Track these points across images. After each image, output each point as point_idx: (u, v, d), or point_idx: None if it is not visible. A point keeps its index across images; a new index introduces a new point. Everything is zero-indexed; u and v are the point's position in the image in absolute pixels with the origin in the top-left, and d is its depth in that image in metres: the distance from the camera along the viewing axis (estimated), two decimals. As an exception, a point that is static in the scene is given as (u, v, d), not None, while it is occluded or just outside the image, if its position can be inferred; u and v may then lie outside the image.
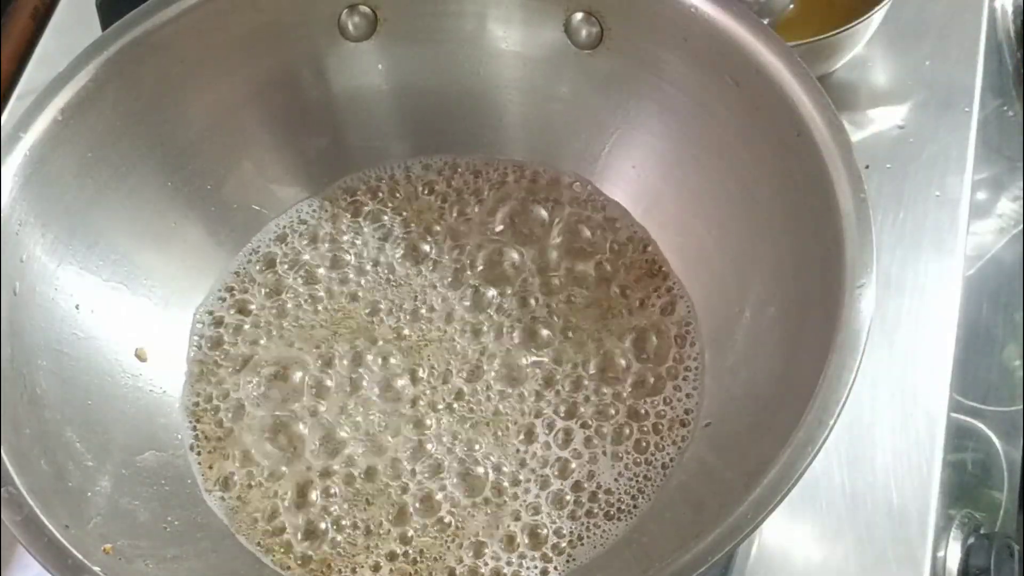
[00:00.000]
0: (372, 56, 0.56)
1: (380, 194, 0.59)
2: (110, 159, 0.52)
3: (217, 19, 0.52)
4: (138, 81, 0.52)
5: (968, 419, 0.59)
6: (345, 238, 0.58)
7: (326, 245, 0.58)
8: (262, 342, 0.55)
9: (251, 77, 0.54)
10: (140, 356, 0.53)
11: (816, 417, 0.39)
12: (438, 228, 0.58)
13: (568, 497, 0.49)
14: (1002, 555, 0.50)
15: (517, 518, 0.49)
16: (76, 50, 0.51)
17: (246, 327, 0.56)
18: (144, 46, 0.51)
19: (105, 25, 0.61)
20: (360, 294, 0.56)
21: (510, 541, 0.49)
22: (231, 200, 0.57)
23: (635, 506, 0.49)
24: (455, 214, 0.58)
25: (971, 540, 0.51)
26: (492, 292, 0.56)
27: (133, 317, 0.53)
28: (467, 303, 0.55)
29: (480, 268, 0.56)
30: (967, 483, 0.58)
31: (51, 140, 0.49)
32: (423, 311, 0.55)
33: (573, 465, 0.50)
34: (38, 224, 0.49)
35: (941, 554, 0.50)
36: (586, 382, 0.52)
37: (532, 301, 0.55)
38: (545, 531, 0.49)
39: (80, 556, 0.41)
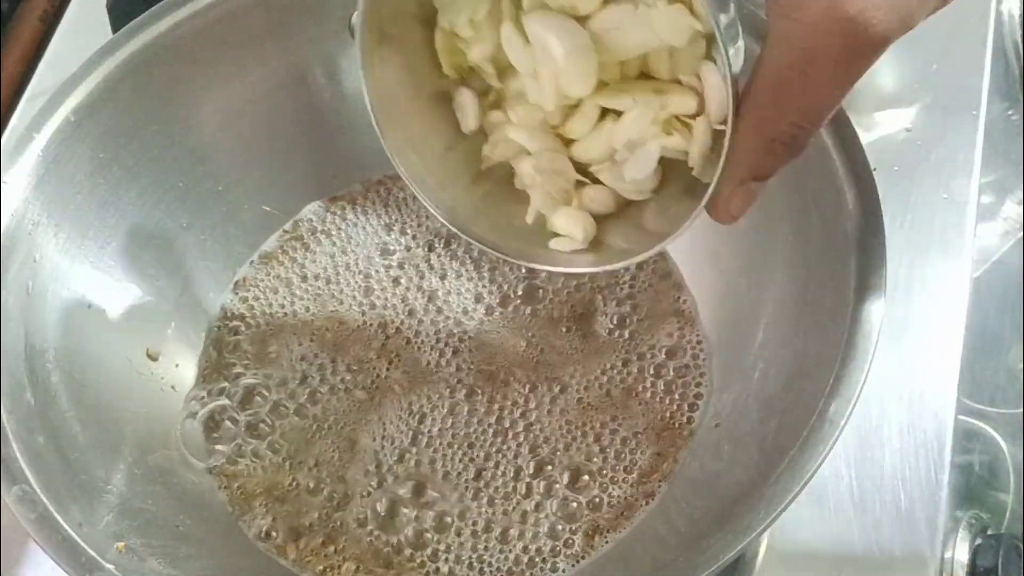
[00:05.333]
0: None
1: (392, 197, 0.59)
2: (122, 159, 0.52)
3: (228, 21, 0.53)
4: (150, 82, 0.52)
5: (975, 421, 0.59)
6: (356, 240, 0.58)
7: (337, 247, 0.58)
8: (272, 343, 0.56)
9: (262, 79, 0.54)
10: (151, 356, 0.53)
11: (827, 418, 0.40)
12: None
13: (577, 496, 0.50)
14: (1009, 556, 0.50)
15: (523, 519, 0.50)
16: (86, 52, 0.51)
17: (256, 328, 0.56)
18: (156, 48, 0.51)
19: (116, 27, 0.61)
20: (371, 297, 0.57)
21: (518, 544, 0.49)
22: (242, 201, 0.57)
23: (644, 505, 0.49)
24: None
25: (978, 541, 0.51)
26: (504, 297, 0.56)
27: (144, 316, 0.53)
28: (475, 307, 0.56)
29: (491, 273, 0.57)
30: (974, 485, 0.58)
31: (64, 141, 0.49)
32: (433, 313, 0.56)
33: (582, 464, 0.50)
34: (51, 224, 0.49)
35: (949, 555, 0.50)
36: (595, 383, 0.53)
37: (543, 306, 0.55)
38: (553, 531, 0.49)
39: (94, 554, 0.41)
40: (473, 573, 0.48)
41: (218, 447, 0.53)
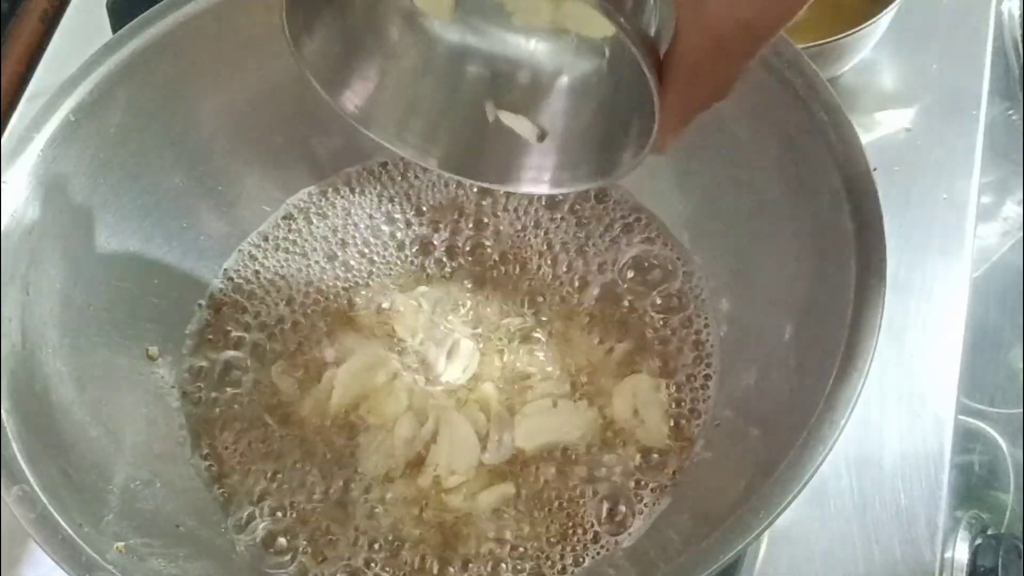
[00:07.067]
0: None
1: (390, 192, 0.59)
2: (122, 159, 0.52)
3: (228, 20, 0.53)
4: (149, 82, 0.52)
5: (975, 421, 0.59)
6: (351, 222, 0.58)
7: (335, 239, 0.58)
8: (270, 341, 0.56)
9: (262, 77, 0.54)
10: (151, 356, 0.53)
11: (827, 418, 0.40)
12: (450, 217, 0.58)
13: (576, 498, 0.50)
14: (1009, 555, 0.50)
15: (523, 520, 0.50)
16: (86, 52, 0.51)
17: (256, 327, 0.56)
18: (156, 47, 0.51)
19: (115, 27, 0.61)
20: (366, 292, 0.57)
21: (519, 545, 0.49)
22: (241, 200, 0.57)
23: (646, 507, 0.49)
24: (471, 204, 0.59)
25: (978, 541, 0.51)
26: (499, 285, 0.56)
27: (144, 316, 0.53)
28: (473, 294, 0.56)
29: (489, 260, 0.57)
30: (974, 485, 0.58)
31: (64, 141, 0.49)
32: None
33: (582, 464, 0.50)
34: (51, 224, 0.49)
35: (949, 555, 0.50)
36: (598, 383, 0.52)
37: (541, 299, 0.55)
38: (555, 532, 0.49)
39: (93, 553, 0.41)
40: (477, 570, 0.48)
41: (218, 447, 0.53)
